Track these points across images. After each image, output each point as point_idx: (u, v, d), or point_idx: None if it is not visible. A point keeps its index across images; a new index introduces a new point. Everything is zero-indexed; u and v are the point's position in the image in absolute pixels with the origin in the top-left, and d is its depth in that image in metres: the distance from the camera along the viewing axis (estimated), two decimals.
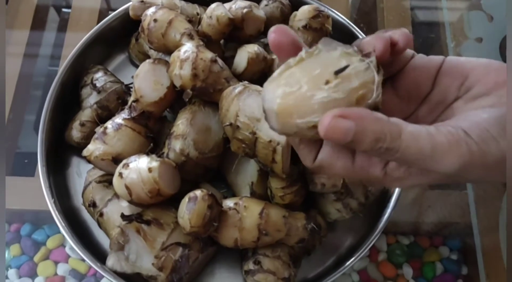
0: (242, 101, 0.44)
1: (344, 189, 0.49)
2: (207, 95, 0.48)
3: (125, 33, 0.62)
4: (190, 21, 0.52)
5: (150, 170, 0.43)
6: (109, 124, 0.49)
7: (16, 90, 0.65)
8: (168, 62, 0.49)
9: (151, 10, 0.51)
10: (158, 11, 0.50)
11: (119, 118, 0.49)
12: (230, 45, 0.57)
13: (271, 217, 0.46)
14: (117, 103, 0.55)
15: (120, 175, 0.44)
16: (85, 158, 0.49)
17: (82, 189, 0.52)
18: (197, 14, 0.57)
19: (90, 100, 0.55)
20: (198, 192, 0.43)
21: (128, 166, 0.44)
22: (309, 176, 0.48)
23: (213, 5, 0.52)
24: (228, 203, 0.46)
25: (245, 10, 0.53)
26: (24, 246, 0.57)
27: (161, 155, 0.48)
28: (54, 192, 0.52)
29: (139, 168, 0.44)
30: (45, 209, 0.50)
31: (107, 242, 0.50)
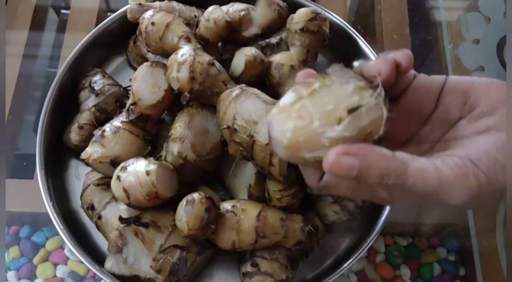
0: (240, 105, 0.44)
1: None
2: (204, 98, 0.48)
3: (123, 36, 0.62)
4: (187, 24, 0.52)
5: (148, 173, 0.43)
6: (107, 127, 0.49)
7: (15, 91, 0.65)
8: (166, 65, 0.49)
9: (148, 13, 0.51)
10: (156, 14, 0.50)
11: (117, 121, 0.49)
12: (228, 48, 0.57)
13: (268, 219, 0.46)
14: (115, 106, 0.55)
15: (118, 178, 0.44)
16: (83, 160, 0.49)
17: (81, 192, 0.52)
18: (195, 17, 0.57)
19: (88, 103, 0.55)
20: (195, 195, 0.44)
21: (126, 169, 0.44)
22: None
23: (210, 8, 0.52)
24: (226, 205, 0.46)
25: (242, 13, 0.53)
26: (23, 248, 0.57)
27: (159, 157, 0.48)
28: (53, 195, 0.52)
29: (137, 171, 0.44)
30: (44, 211, 0.50)
31: (105, 245, 0.50)
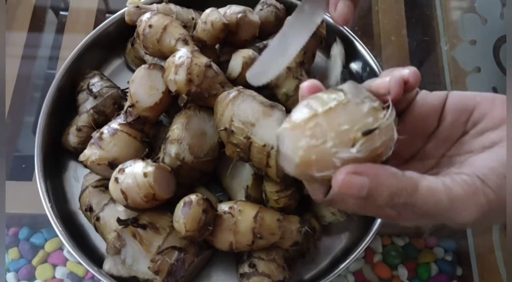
0: (237, 106, 0.45)
1: None
2: (202, 100, 0.48)
3: (122, 38, 0.62)
4: (185, 26, 0.52)
5: (145, 174, 0.44)
6: (105, 129, 0.49)
7: (14, 92, 0.65)
8: (163, 67, 0.49)
9: (146, 16, 0.51)
10: (153, 16, 0.51)
11: (115, 123, 0.49)
12: (225, 50, 0.57)
13: (265, 220, 0.46)
14: (113, 108, 0.55)
15: (116, 180, 0.44)
16: (81, 162, 0.49)
17: (79, 193, 0.53)
18: (193, 19, 0.58)
19: (86, 106, 0.56)
20: (193, 197, 0.44)
21: (123, 170, 0.45)
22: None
23: (207, 11, 0.52)
24: (223, 207, 0.47)
25: (239, 15, 0.54)
26: (23, 249, 0.57)
27: (156, 159, 0.48)
28: (52, 196, 0.52)
29: (135, 172, 0.44)
30: (43, 213, 0.50)
31: (104, 246, 0.50)
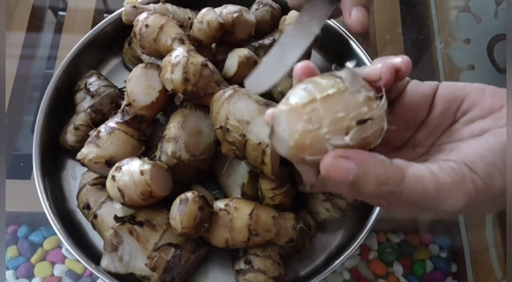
0: (232, 105, 0.45)
1: None
2: (198, 98, 0.49)
3: (119, 38, 0.62)
4: (181, 26, 0.53)
5: (142, 172, 0.44)
6: (102, 128, 0.50)
7: (13, 92, 0.65)
8: (160, 66, 0.50)
9: (142, 16, 0.52)
10: (150, 16, 0.51)
11: (112, 122, 0.50)
12: (221, 49, 0.57)
13: (261, 217, 0.46)
14: (110, 107, 0.56)
15: (113, 177, 0.45)
16: (79, 161, 0.50)
17: (77, 192, 0.53)
18: (189, 18, 0.58)
19: (84, 105, 0.56)
20: (189, 194, 0.44)
21: (120, 168, 0.45)
22: (298, 177, 0.49)
23: (203, 10, 0.53)
24: (219, 204, 0.47)
25: (235, 15, 0.54)
26: (21, 247, 0.57)
27: (153, 157, 0.49)
28: (50, 195, 0.53)
29: (131, 170, 0.44)
30: (41, 211, 0.51)
31: (101, 244, 0.50)
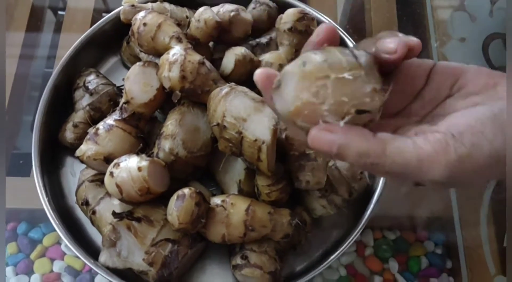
0: (229, 102, 0.46)
1: (328, 186, 0.50)
2: (195, 96, 0.49)
3: (117, 36, 0.63)
4: (179, 24, 0.53)
5: (139, 169, 0.45)
6: (100, 125, 0.50)
7: (12, 92, 0.66)
8: (157, 65, 0.50)
9: (140, 14, 0.52)
10: (148, 15, 0.52)
11: (110, 119, 0.50)
12: (219, 48, 0.58)
13: (257, 213, 0.47)
14: (109, 105, 0.56)
15: (111, 174, 0.46)
16: (78, 158, 0.50)
17: (76, 188, 0.54)
18: (187, 17, 0.59)
19: (82, 102, 0.57)
20: (186, 190, 0.45)
21: (118, 165, 0.46)
22: (294, 174, 0.49)
23: (201, 9, 0.53)
24: (216, 200, 0.48)
25: (232, 14, 0.55)
26: (21, 244, 0.58)
27: (151, 154, 0.49)
28: (49, 191, 0.53)
29: (129, 167, 0.45)
30: (41, 207, 0.51)
31: (100, 239, 0.51)
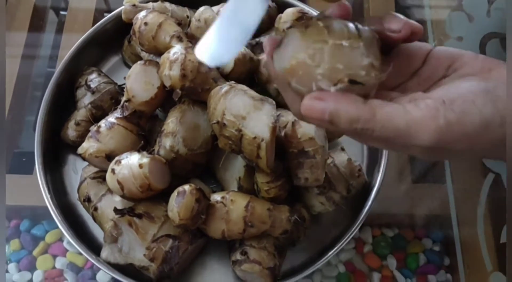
0: (229, 100, 0.46)
1: (327, 183, 0.51)
2: (195, 94, 0.50)
3: (119, 36, 0.64)
4: (179, 23, 0.54)
5: (140, 166, 0.45)
6: (102, 123, 0.51)
7: (14, 91, 0.67)
8: (158, 63, 0.51)
9: (142, 14, 0.53)
10: (149, 14, 0.53)
11: (112, 117, 0.51)
12: None
13: (256, 209, 0.48)
14: (110, 103, 0.57)
15: (113, 171, 0.46)
16: (80, 155, 0.51)
17: (78, 185, 0.54)
18: (187, 17, 0.60)
19: (84, 101, 0.57)
20: (186, 187, 0.46)
21: (120, 162, 0.46)
22: (293, 171, 0.50)
23: (201, 9, 0.54)
24: (216, 196, 0.48)
25: None
26: (24, 240, 0.58)
27: (152, 152, 0.50)
28: (51, 189, 0.54)
29: (130, 164, 0.46)
30: (43, 205, 0.52)
31: (101, 236, 0.51)
